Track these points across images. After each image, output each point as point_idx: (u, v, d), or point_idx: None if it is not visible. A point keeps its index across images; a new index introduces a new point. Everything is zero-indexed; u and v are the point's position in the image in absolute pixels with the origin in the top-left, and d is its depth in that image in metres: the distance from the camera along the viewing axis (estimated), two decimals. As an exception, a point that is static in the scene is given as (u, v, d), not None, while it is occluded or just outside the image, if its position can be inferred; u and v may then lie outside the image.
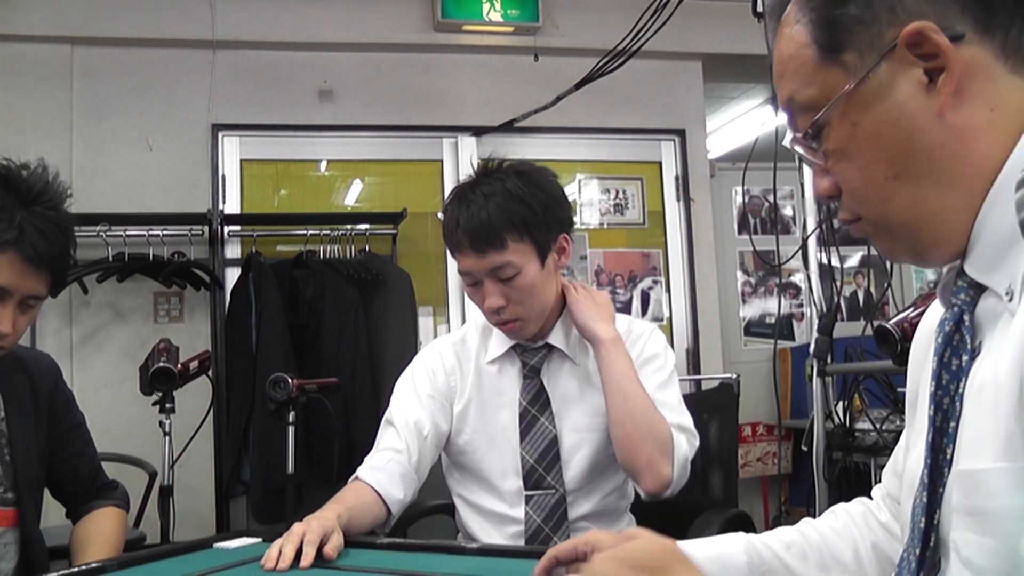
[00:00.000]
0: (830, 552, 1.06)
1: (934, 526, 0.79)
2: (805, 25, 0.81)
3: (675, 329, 4.38)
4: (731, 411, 2.30)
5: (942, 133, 0.76)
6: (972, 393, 0.77)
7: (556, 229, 1.68)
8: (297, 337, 3.60)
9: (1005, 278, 0.76)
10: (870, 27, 0.78)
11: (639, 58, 3.24)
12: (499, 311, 1.65)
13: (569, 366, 1.76)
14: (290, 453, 2.31)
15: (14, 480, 1.53)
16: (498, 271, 1.62)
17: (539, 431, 1.71)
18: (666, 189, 4.45)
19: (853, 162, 0.81)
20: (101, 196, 3.78)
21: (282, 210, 4.12)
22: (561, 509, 1.69)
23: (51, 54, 3.81)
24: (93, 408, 3.63)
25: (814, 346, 2.80)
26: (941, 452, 0.79)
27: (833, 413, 2.85)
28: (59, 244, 1.48)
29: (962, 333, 0.79)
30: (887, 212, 0.81)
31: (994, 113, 0.76)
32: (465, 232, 1.61)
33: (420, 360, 1.81)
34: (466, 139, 4.20)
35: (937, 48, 0.75)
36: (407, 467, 1.63)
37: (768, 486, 4.45)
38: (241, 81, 4.00)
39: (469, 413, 1.75)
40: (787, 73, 0.84)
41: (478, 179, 1.67)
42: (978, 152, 0.76)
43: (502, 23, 4.13)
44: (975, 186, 0.77)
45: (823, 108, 0.80)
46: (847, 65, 0.79)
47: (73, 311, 3.74)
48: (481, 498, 1.74)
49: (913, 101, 0.77)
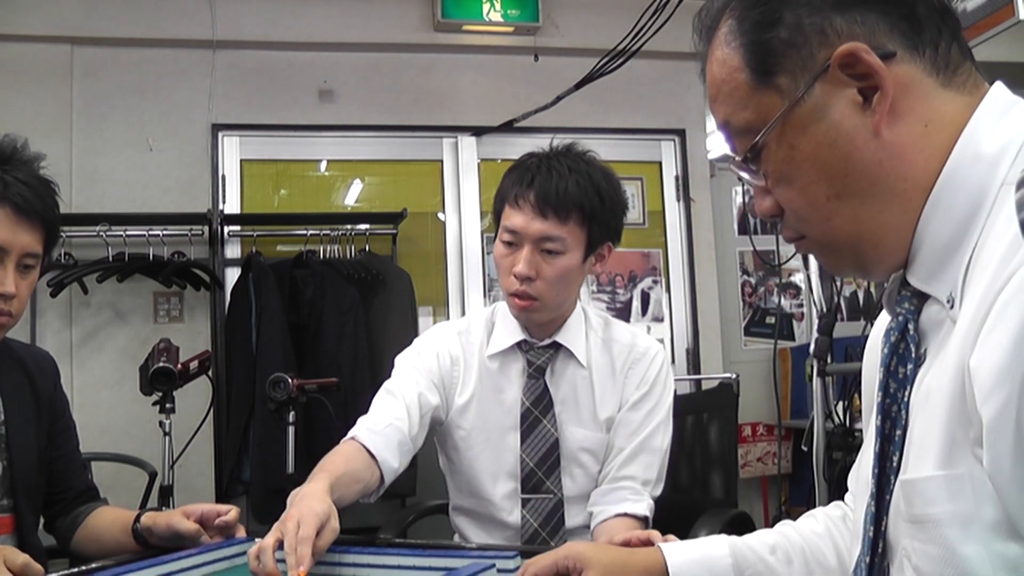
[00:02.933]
0: (814, 556, 1.06)
1: (882, 532, 0.80)
2: (736, 49, 0.81)
3: (675, 329, 4.38)
4: (731, 411, 2.30)
5: (879, 151, 0.77)
6: (918, 401, 0.78)
7: (610, 235, 1.69)
8: (297, 337, 3.60)
9: (946, 286, 0.77)
10: (801, 50, 0.78)
11: (639, 58, 3.24)
12: (524, 281, 1.62)
13: (575, 368, 1.72)
14: (290, 453, 2.31)
15: (12, 486, 1.51)
16: (546, 241, 1.60)
17: (540, 433, 1.68)
18: (666, 189, 4.45)
19: (793, 184, 0.81)
20: (101, 196, 3.78)
21: (282, 210, 4.12)
22: (558, 515, 1.66)
23: (51, 54, 3.80)
24: (93, 408, 3.67)
25: (814, 346, 2.81)
26: (888, 459, 0.80)
27: (833, 413, 2.85)
28: (46, 194, 1.48)
29: (907, 341, 0.80)
30: (830, 231, 0.82)
31: (928, 128, 0.77)
32: (537, 191, 1.59)
33: (426, 341, 1.77)
34: (466, 139, 4.20)
35: (869, 68, 0.75)
36: (405, 435, 1.57)
37: (768, 486, 4.45)
38: (241, 81, 4.00)
39: (470, 409, 1.71)
40: (720, 97, 0.84)
41: (563, 154, 1.66)
42: (916, 167, 0.77)
43: (502, 23, 4.13)
44: (914, 199, 0.77)
45: (760, 132, 0.80)
46: (781, 88, 0.79)
47: (73, 311, 3.74)
48: (471, 501, 1.72)
49: (849, 121, 0.77)
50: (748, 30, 0.80)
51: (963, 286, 0.74)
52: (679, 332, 4.38)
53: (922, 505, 0.74)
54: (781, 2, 0.79)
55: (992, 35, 2.35)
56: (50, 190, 1.50)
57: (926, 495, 0.73)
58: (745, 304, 4.68)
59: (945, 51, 0.78)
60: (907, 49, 0.77)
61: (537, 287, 1.62)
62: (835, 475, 2.81)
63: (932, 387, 0.76)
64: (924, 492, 0.73)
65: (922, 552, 0.74)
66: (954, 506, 0.71)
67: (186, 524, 1.41)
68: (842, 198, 0.79)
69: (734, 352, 4.52)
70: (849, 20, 0.77)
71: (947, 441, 0.72)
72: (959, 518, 0.70)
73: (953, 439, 0.72)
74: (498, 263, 1.68)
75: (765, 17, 0.79)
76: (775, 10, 0.79)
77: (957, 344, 0.72)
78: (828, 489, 2.74)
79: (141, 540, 1.49)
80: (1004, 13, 2.31)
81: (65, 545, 1.65)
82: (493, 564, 1.21)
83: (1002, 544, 0.68)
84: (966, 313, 0.72)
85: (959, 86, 0.78)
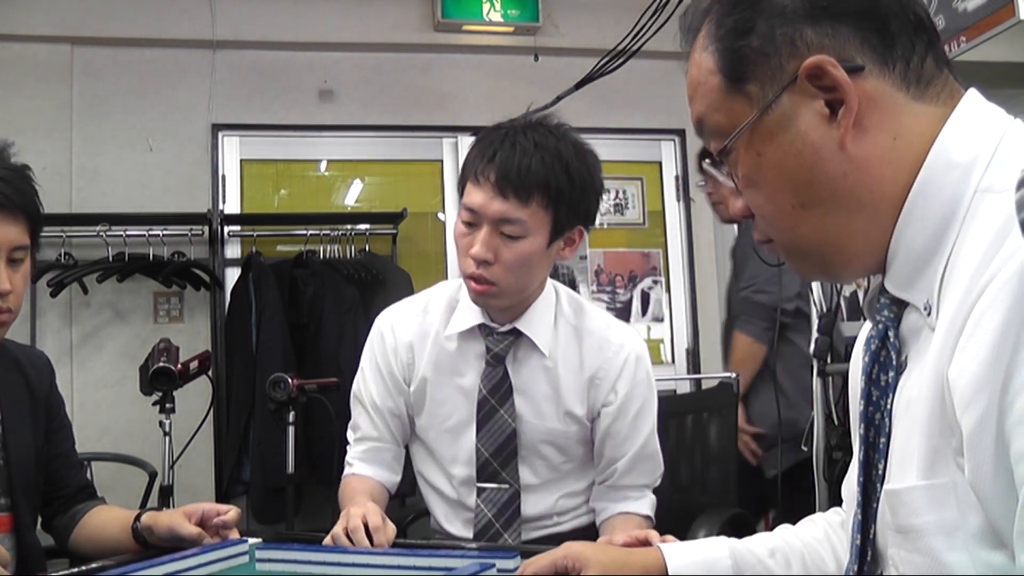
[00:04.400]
0: (813, 560, 1.07)
1: (870, 540, 0.81)
2: (712, 53, 0.82)
3: (675, 329, 4.38)
4: (730, 411, 2.31)
5: (844, 163, 0.77)
6: (900, 410, 0.79)
7: (580, 217, 1.55)
8: (297, 337, 3.60)
9: (923, 293, 0.77)
10: (771, 59, 0.78)
11: (639, 58, 3.24)
12: (481, 264, 1.50)
13: (538, 358, 1.62)
14: (290, 453, 2.32)
15: (9, 484, 1.51)
16: (505, 224, 1.48)
17: (497, 423, 1.60)
18: (666, 189, 4.45)
19: (760, 190, 0.82)
20: (101, 196, 3.78)
21: (282, 210, 4.12)
22: (514, 506, 1.61)
23: (51, 54, 3.80)
24: (93, 408, 3.67)
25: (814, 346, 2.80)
26: (873, 467, 0.81)
27: (833, 413, 2.85)
28: (24, 186, 1.46)
29: (888, 349, 0.81)
30: (796, 238, 0.82)
31: (897, 141, 0.77)
32: (498, 168, 1.46)
33: (380, 334, 1.70)
34: (466, 139, 4.20)
35: (835, 81, 0.76)
36: (394, 449, 1.69)
37: (768, 486, 4.44)
38: (241, 81, 4.00)
39: (425, 391, 1.65)
40: (697, 97, 0.85)
41: (534, 126, 1.52)
42: (883, 179, 0.77)
43: (502, 23, 4.13)
44: (883, 210, 0.78)
45: (730, 135, 0.81)
46: (751, 96, 0.80)
47: (73, 311, 3.74)
48: (436, 479, 1.69)
49: (815, 132, 0.78)
50: (723, 36, 0.81)
51: (939, 293, 0.75)
52: (679, 332, 4.38)
53: (907, 515, 0.74)
54: (755, 11, 0.79)
55: (992, 35, 2.35)
56: (27, 179, 1.47)
57: (910, 505, 0.73)
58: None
59: (918, 65, 0.78)
60: (877, 63, 0.77)
61: (494, 272, 1.50)
62: (835, 475, 2.81)
63: (913, 395, 0.76)
64: (908, 502, 0.74)
65: (908, 561, 0.74)
66: (938, 516, 0.71)
67: (188, 528, 1.41)
68: (807, 207, 0.80)
69: (734, 352, 4.51)
70: (820, 33, 0.77)
71: (929, 451, 0.73)
72: (944, 527, 0.71)
73: (935, 449, 0.72)
74: (457, 242, 1.55)
75: (739, 25, 0.80)
76: (749, 19, 0.79)
77: (935, 352, 0.72)
78: (828, 489, 2.73)
79: (140, 539, 1.49)
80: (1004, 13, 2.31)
81: (63, 543, 1.65)
82: (493, 564, 1.21)
83: (987, 553, 0.68)
84: (943, 321, 0.72)
85: (932, 98, 0.78)
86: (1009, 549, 0.65)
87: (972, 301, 0.68)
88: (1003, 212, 0.68)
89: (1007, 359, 0.64)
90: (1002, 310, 0.64)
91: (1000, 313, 0.65)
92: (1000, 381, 0.64)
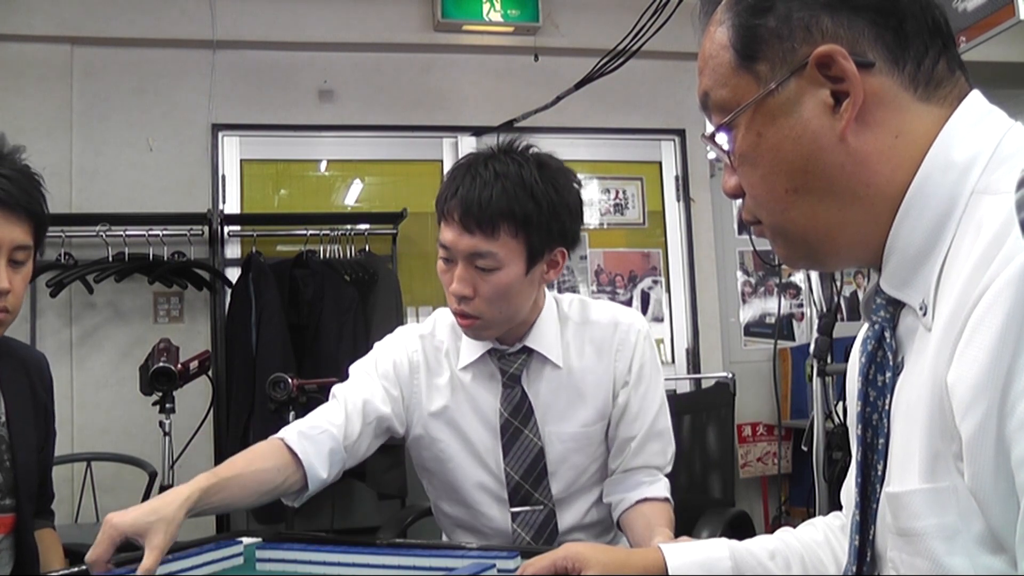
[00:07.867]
0: (812, 564, 1.07)
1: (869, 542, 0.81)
2: (727, 29, 0.82)
3: (675, 329, 4.39)
4: (727, 409, 2.31)
5: (843, 155, 0.77)
6: (899, 412, 0.78)
7: (556, 239, 1.52)
8: (297, 337, 3.60)
9: (919, 293, 0.77)
10: (785, 42, 0.79)
11: (639, 58, 3.24)
12: (461, 300, 1.49)
13: (551, 370, 1.61)
14: (290, 453, 2.31)
15: (15, 486, 1.51)
16: (477, 258, 1.46)
17: (523, 445, 1.58)
18: (666, 189, 4.45)
19: (756, 169, 0.82)
20: (101, 196, 3.78)
21: (282, 210, 4.12)
22: (551, 524, 1.59)
23: (51, 54, 3.81)
24: (93, 408, 3.67)
25: (814, 346, 2.80)
26: (872, 469, 0.81)
27: (833, 413, 2.85)
28: (29, 187, 1.46)
29: (884, 350, 0.81)
30: (784, 222, 0.82)
31: (899, 140, 0.77)
32: (460, 204, 1.45)
33: (384, 348, 1.65)
34: (466, 139, 4.20)
35: (843, 72, 0.76)
36: (338, 444, 1.49)
37: (768, 486, 4.45)
38: (241, 81, 4.00)
39: (445, 419, 1.61)
40: (706, 70, 0.85)
41: (495, 154, 1.50)
42: (881, 176, 0.77)
43: (502, 23, 4.13)
44: (877, 205, 0.78)
45: (733, 111, 0.81)
46: (759, 75, 0.80)
47: (73, 311, 3.74)
48: (461, 511, 1.64)
49: (817, 121, 0.78)
50: (741, 12, 0.81)
51: (935, 294, 0.75)
52: (679, 332, 4.38)
53: (908, 519, 0.74)
54: None
55: (992, 35, 2.35)
56: (34, 182, 1.48)
57: (911, 508, 0.73)
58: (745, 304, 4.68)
59: (929, 67, 0.78)
60: (887, 61, 0.77)
61: (476, 306, 1.49)
62: (835, 475, 2.81)
63: (911, 398, 0.76)
64: (909, 505, 0.74)
65: (909, 564, 0.74)
66: (939, 519, 0.71)
67: None
68: (800, 193, 0.80)
69: (734, 352, 4.52)
70: (836, 22, 0.77)
71: (930, 454, 0.72)
72: (945, 531, 0.70)
73: (936, 452, 0.72)
74: (440, 277, 1.55)
75: (758, 3, 0.80)
76: None
77: (932, 354, 0.72)
78: (828, 489, 2.73)
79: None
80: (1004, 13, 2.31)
81: None
82: (493, 564, 1.21)
83: (988, 557, 0.68)
84: (940, 322, 0.72)
85: (940, 100, 0.78)
86: (1010, 554, 0.65)
87: (970, 304, 0.67)
88: (1001, 213, 0.68)
89: (1006, 364, 0.63)
90: (1001, 315, 0.64)
91: (999, 318, 0.64)
92: (1000, 387, 0.63)
